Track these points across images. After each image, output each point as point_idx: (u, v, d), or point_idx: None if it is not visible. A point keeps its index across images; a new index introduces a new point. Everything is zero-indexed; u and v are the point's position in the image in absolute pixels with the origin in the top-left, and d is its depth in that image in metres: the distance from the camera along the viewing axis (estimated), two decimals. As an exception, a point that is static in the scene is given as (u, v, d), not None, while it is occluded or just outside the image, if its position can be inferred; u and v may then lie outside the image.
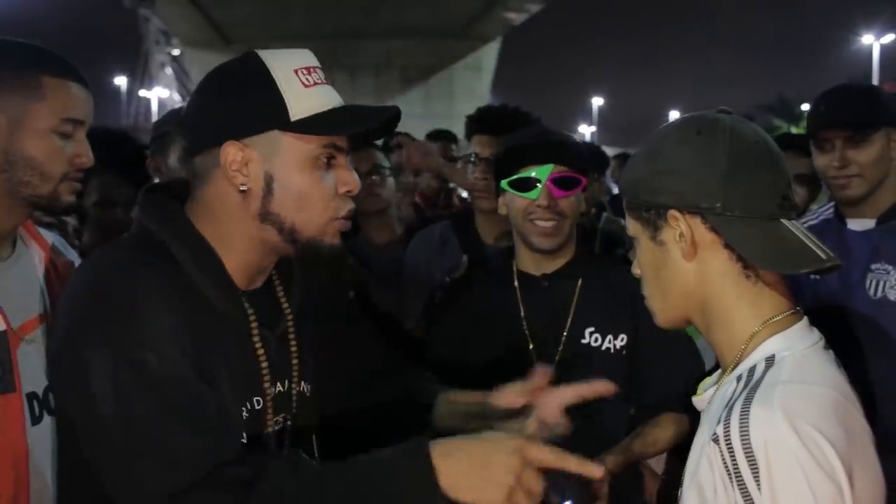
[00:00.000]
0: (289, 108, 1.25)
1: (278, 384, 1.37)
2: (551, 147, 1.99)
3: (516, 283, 2.06)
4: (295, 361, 1.41)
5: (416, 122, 2.87)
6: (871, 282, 2.18)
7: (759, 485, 1.05)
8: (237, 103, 1.27)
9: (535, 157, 1.97)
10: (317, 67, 1.30)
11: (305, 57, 1.30)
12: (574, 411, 1.91)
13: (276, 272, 1.42)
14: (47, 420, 1.41)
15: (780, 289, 1.23)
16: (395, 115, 1.31)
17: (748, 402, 1.10)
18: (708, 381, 1.34)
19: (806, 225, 2.29)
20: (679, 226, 1.20)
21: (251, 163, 1.26)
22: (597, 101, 67.11)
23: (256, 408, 1.33)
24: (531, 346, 2.01)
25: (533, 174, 1.96)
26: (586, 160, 2.06)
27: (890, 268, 2.17)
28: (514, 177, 1.98)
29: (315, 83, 1.28)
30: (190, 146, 1.33)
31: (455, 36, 24.92)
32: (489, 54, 26.73)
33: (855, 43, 37.21)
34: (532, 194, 1.96)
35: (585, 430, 1.92)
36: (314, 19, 21.47)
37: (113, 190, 2.50)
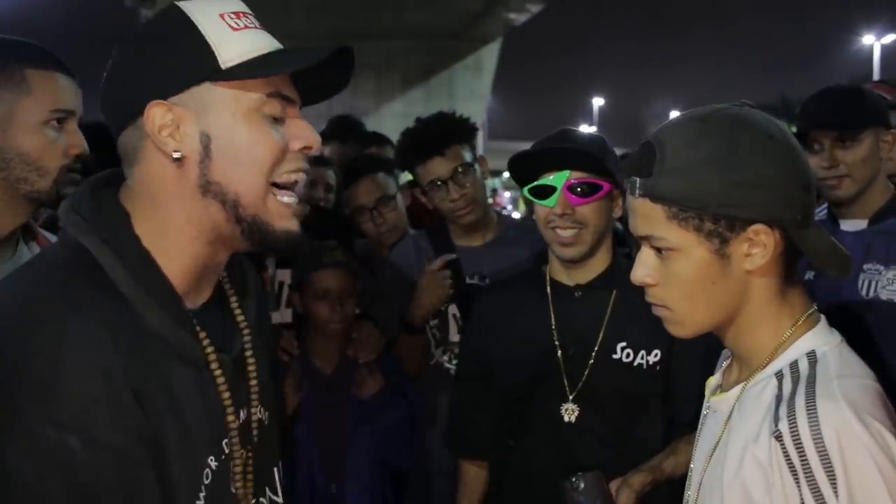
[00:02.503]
0: (217, 54, 1.05)
1: (240, 413, 1.18)
2: (566, 153, 1.94)
3: (549, 292, 2.03)
4: (253, 383, 1.22)
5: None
6: (863, 282, 2.20)
7: (832, 480, 1.05)
8: (157, 58, 1.07)
9: (551, 163, 1.93)
10: (247, 13, 1.11)
11: (234, 2, 1.11)
12: (606, 425, 1.92)
13: (228, 278, 1.22)
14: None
15: (802, 289, 1.24)
16: (342, 50, 1.09)
17: (811, 397, 1.09)
18: (713, 380, 1.34)
19: None
20: (762, 240, 1.14)
21: (183, 124, 1.06)
22: (597, 102, 67.02)
23: (226, 452, 1.14)
24: (561, 360, 1.97)
25: (549, 181, 1.92)
26: (609, 164, 1.96)
27: (882, 268, 2.18)
28: (533, 184, 1.95)
29: (246, 27, 1.09)
30: (111, 123, 1.12)
31: (455, 36, 24.89)
32: (490, 55, 26.68)
33: (856, 43, 37.15)
34: (549, 202, 1.92)
35: (616, 445, 1.94)
36: (314, 19, 21.43)
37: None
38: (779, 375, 1.17)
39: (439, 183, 2.48)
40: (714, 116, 1.18)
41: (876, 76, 29.53)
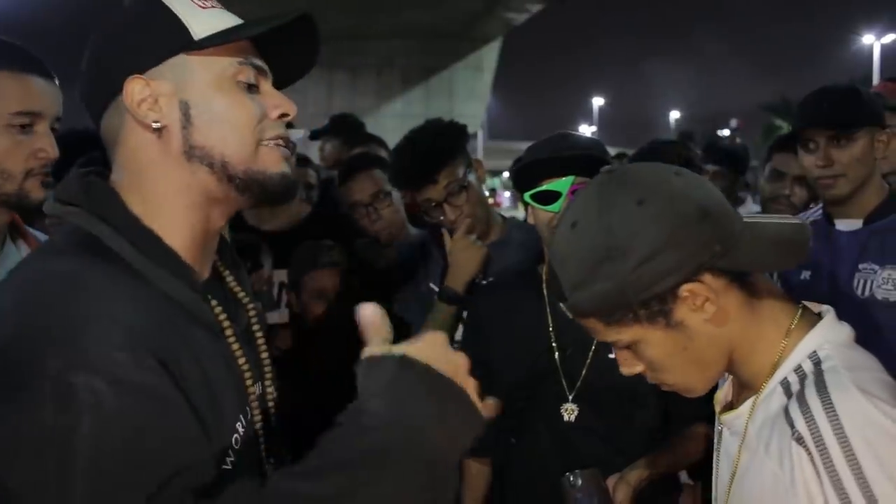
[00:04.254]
0: (189, 27, 1.10)
1: (256, 386, 1.20)
2: (571, 160, 1.96)
3: (545, 294, 2.04)
4: (264, 356, 1.25)
5: (416, 122, 2.86)
6: (858, 281, 2.21)
7: (858, 475, 1.00)
8: (131, 36, 1.12)
9: (555, 170, 1.95)
10: None
11: None
12: (605, 423, 1.92)
13: (219, 257, 1.24)
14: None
15: (778, 292, 1.22)
16: (304, 18, 1.13)
17: (822, 388, 1.06)
18: (720, 395, 1.32)
19: None
20: (700, 293, 1.11)
21: (162, 96, 1.09)
22: (597, 101, 67.00)
23: (248, 417, 1.16)
24: (559, 361, 1.98)
25: (553, 187, 1.94)
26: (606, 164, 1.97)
27: (877, 267, 2.19)
28: (536, 190, 1.96)
29: (212, 6, 1.15)
30: (91, 106, 1.15)
31: (456, 36, 24.86)
32: (490, 54, 26.65)
33: (856, 43, 37.15)
34: (554, 207, 1.94)
35: (615, 442, 1.95)
36: (315, 19, 21.35)
37: None
38: (784, 383, 1.15)
39: (434, 204, 2.47)
40: (583, 214, 1.14)
41: (876, 76, 29.57)
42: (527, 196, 1.99)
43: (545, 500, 1.88)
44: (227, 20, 1.14)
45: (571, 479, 1.69)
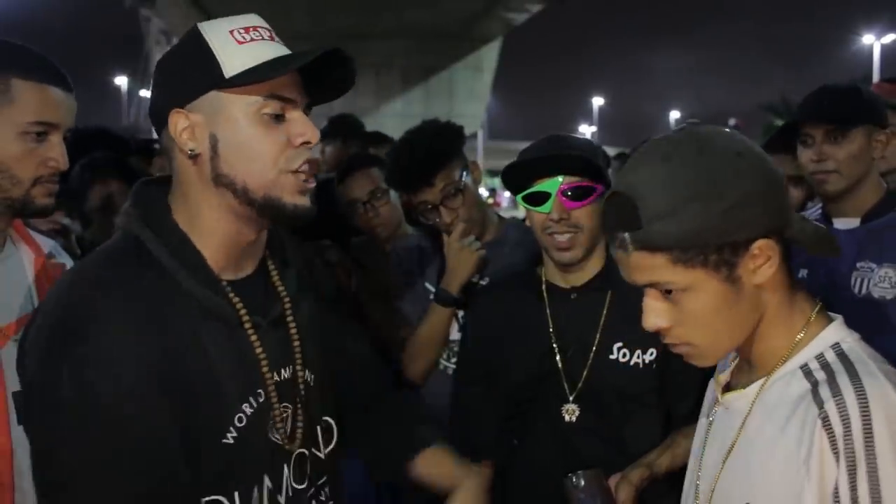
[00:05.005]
0: (222, 65, 1.23)
1: (282, 371, 1.36)
2: (558, 159, 1.96)
3: (545, 295, 2.04)
4: (297, 345, 1.39)
5: (416, 122, 2.86)
6: (855, 280, 2.22)
7: (870, 458, 1.06)
8: (176, 72, 1.28)
9: (543, 170, 1.95)
10: (259, 27, 1.28)
11: (248, 19, 1.29)
12: (606, 424, 1.92)
13: (270, 254, 1.41)
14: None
15: (804, 288, 1.26)
16: (334, 51, 1.24)
17: (854, 375, 1.12)
18: (722, 378, 1.34)
19: None
20: (767, 252, 1.16)
21: (197, 127, 1.26)
22: (597, 101, 67.05)
23: (260, 400, 1.32)
24: (559, 362, 1.98)
25: (543, 188, 1.95)
26: (600, 166, 1.98)
27: (874, 266, 2.20)
28: (526, 191, 1.97)
29: (252, 40, 1.26)
30: (154, 125, 1.33)
31: (456, 36, 24.89)
32: (490, 54, 26.69)
33: (856, 43, 37.19)
34: (544, 208, 1.95)
35: (617, 442, 1.95)
36: (315, 19, 21.44)
37: (114, 196, 2.49)
38: (805, 368, 1.18)
39: (429, 206, 2.47)
40: (677, 151, 1.16)
41: (876, 76, 29.60)
42: (518, 198, 2.00)
43: (547, 500, 1.88)
44: (261, 53, 1.25)
45: (574, 479, 1.70)
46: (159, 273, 1.25)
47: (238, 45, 1.24)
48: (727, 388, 1.33)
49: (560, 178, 1.94)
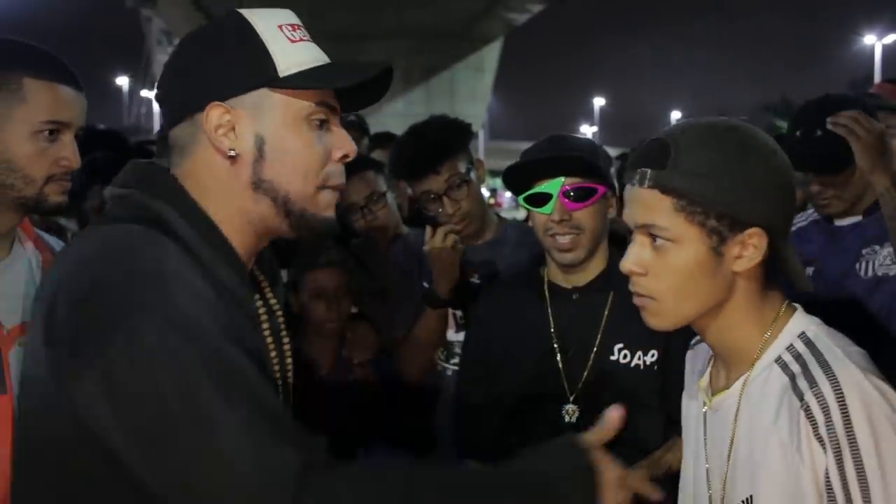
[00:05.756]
0: (276, 63, 1.15)
1: (278, 379, 1.28)
2: (559, 160, 1.95)
3: (547, 295, 2.04)
4: (289, 361, 1.32)
5: (416, 121, 2.85)
6: (861, 265, 2.23)
7: (852, 443, 1.13)
8: (219, 61, 1.16)
9: (544, 171, 1.95)
10: (300, 26, 1.21)
11: (288, 14, 1.21)
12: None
13: (259, 267, 1.32)
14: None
15: (779, 288, 1.33)
16: (387, 68, 1.20)
17: (825, 365, 1.19)
18: (703, 382, 1.39)
19: (796, 226, 2.37)
20: (755, 242, 1.22)
21: (239, 125, 1.15)
22: (598, 101, 67.03)
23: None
24: (560, 363, 1.98)
25: (544, 189, 1.94)
26: (601, 167, 1.98)
27: (877, 247, 2.22)
28: (528, 192, 1.97)
29: (301, 39, 1.19)
30: (168, 116, 1.21)
31: (456, 36, 24.88)
32: (491, 54, 26.67)
33: (857, 43, 37.17)
34: (546, 209, 1.95)
35: (618, 444, 1.94)
36: (316, 19, 21.38)
37: None
38: (779, 361, 1.25)
39: (433, 196, 2.46)
40: (725, 125, 1.25)
41: (877, 76, 29.57)
42: (520, 198, 2.00)
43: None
44: (314, 56, 1.19)
45: None
46: (192, 256, 1.11)
47: (290, 42, 1.16)
48: (711, 391, 1.38)
49: (562, 180, 1.93)
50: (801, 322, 1.28)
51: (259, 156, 1.15)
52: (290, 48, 1.16)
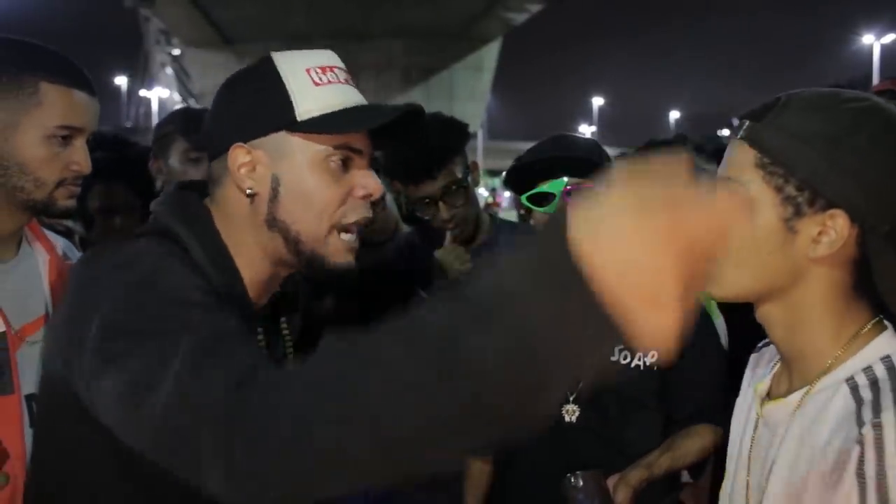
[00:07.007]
0: (295, 107, 1.18)
1: None
2: (561, 161, 1.97)
3: None
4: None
5: (416, 122, 2.88)
6: None
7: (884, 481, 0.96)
8: (244, 105, 1.22)
9: (547, 172, 1.96)
10: (335, 67, 1.23)
11: (324, 57, 1.23)
12: (605, 424, 1.92)
13: (281, 293, 1.35)
14: (46, 422, 1.40)
15: (870, 303, 1.15)
16: (415, 111, 1.22)
17: None
18: (761, 386, 1.25)
19: None
20: (836, 227, 1.06)
21: (259, 166, 1.20)
22: (597, 101, 67.08)
23: None
24: None
25: (547, 189, 1.96)
26: (603, 167, 2.00)
27: None
28: (531, 192, 1.99)
29: (329, 82, 1.21)
30: (208, 154, 1.28)
31: (456, 36, 24.92)
32: (490, 54, 26.72)
33: (855, 43, 37.23)
34: (548, 209, 1.96)
35: (616, 443, 1.94)
36: (315, 19, 21.44)
37: (113, 197, 2.49)
38: (851, 382, 1.08)
39: (428, 201, 2.46)
40: (853, 95, 1.10)
41: (876, 75, 29.60)
42: (523, 198, 2.01)
43: (545, 500, 1.88)
44: (336, 99, 1.20)
45: (573, 479, 1.70)
46: (200, 276, 1.15)
47: (314, 86, 1.19)
48: (768, 396, 1.24)
49: (564, 180, 1.95)
50: (888, 343, 1.09)
51: (274, 196, 1.20)
52: (314, 92, 1.19)
